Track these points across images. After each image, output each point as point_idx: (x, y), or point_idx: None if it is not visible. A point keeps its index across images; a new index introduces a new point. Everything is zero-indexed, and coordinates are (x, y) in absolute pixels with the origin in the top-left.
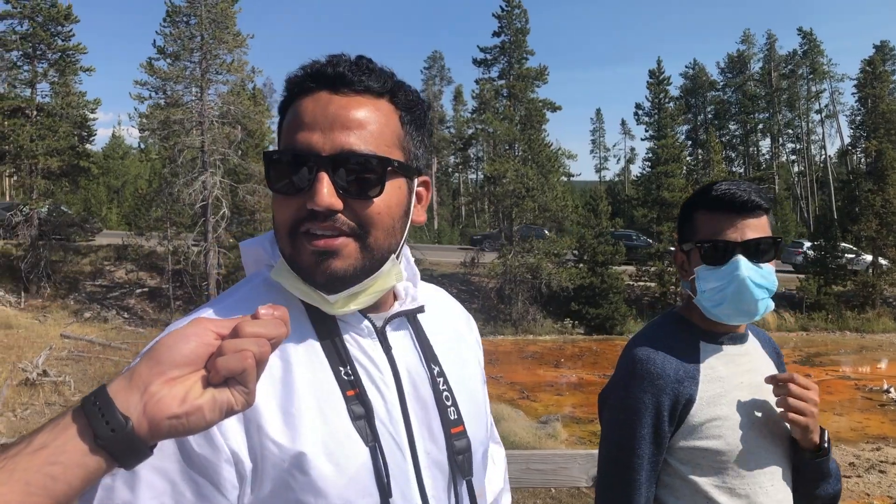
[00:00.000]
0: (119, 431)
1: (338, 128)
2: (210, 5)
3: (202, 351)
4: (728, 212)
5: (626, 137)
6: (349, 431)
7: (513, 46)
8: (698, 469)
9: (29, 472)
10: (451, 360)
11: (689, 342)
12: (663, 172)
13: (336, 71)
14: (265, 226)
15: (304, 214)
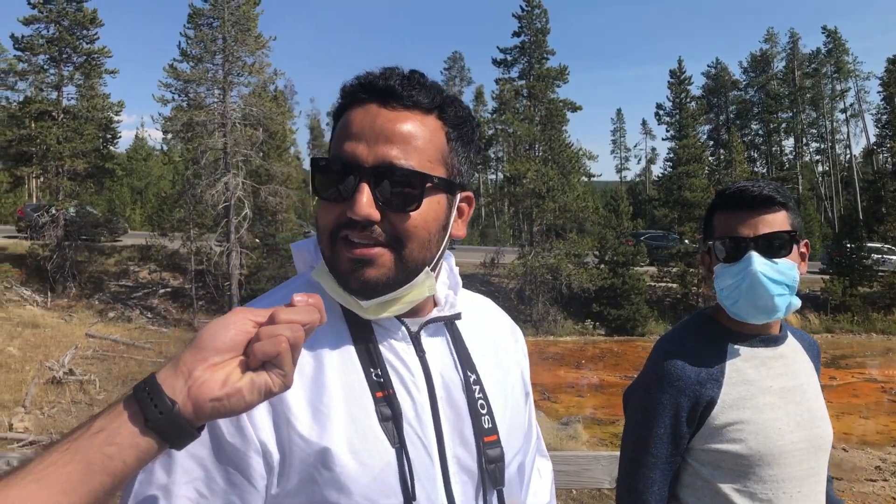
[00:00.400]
0: (166, 414)
1: (382, 141)
2: (232, 8)
3: (240, 338)
4: (741, 209)
5: (647, 137)
6: (376, 432)
7: (533, 46)
8: (719, 471)
9: (89, 452)
10: (489, 369)
11: (716, 343)
12: (685, 173)
13: (387, 84)
14: (287, 226)
15: (344, 221)
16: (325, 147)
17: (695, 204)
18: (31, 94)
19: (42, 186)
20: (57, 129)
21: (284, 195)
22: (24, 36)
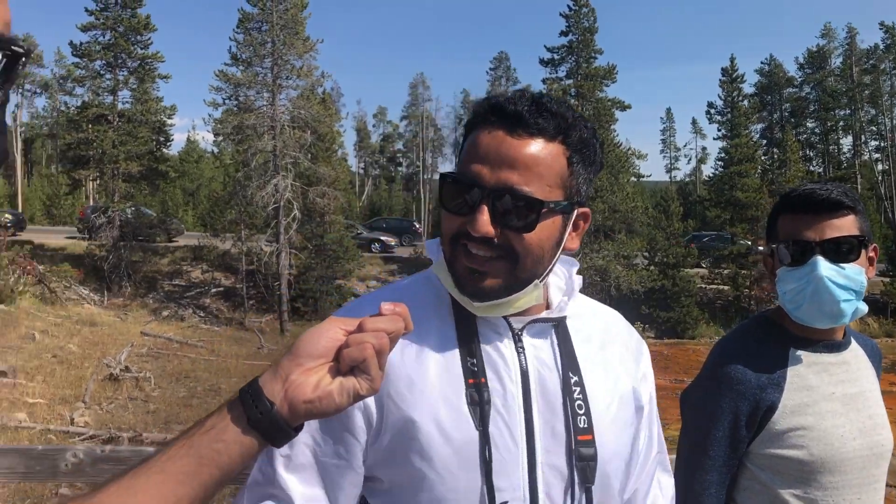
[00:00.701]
0: (266, 414)
1: (505, 166)
2: (281, 11)
3: (331, 345)
4: (808, 212)
5: (698, 137)
6: (463, 412)
7: (580, 46)
8: (778, 477)
9: (201, 447)
10: (596, 374)
11: (777, 348)
12: (736, 172)
13: (515, 109)
14: (334, 227)
15: (464, 232)
16: (372, 148)
17: (747, 204)
18: (89, 99)
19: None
20: (112, 133)
21: (332, 196)
22: (82, 43)
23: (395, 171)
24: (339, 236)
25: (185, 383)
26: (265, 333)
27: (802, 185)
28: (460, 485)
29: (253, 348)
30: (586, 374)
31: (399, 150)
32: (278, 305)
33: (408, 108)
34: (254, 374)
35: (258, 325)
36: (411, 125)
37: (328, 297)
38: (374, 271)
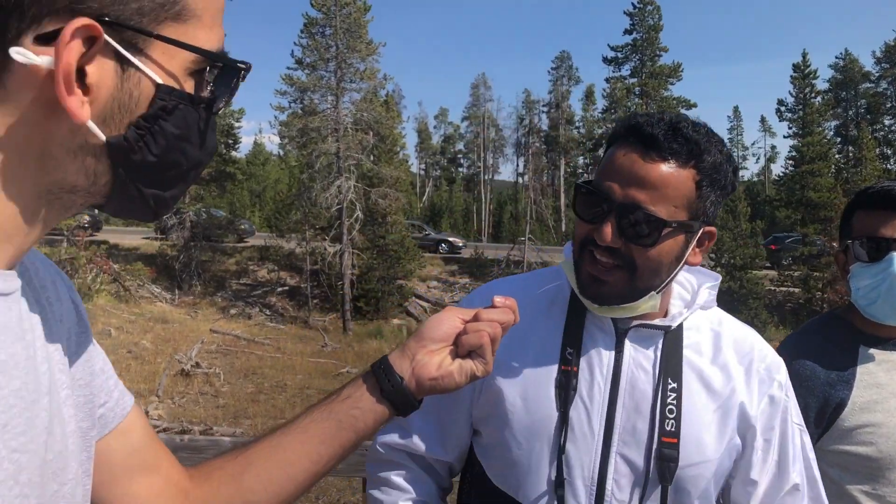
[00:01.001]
0: (396, 387)
1: (635, 185)
2: (344, 16)
3: (451, 331)
4: (884, 209)
5: (767, 135)
6: (548, 392)
7: (645, 44)
8: (847, 473)
9: (339, 413)
10: (699, 387)
11: (847, 345)
12: (808, 172)
13: (651, 133)
14: (396, 228)
15: (591, 238)
16: (432, 149)
17: (820, 204)
18: None
19: None
20: None
21: (394, 198)
22: None
23: (455, 172)
24: (400, 237)
25: (252, 379)
26: (328, 332)
27: (879, 183)
28: (533, 453)
29: (317, 346)
30: (687, 383)
31: (460, 151)
32: (341, 305)
33: (469, 109)
34: (318, 371)
35: (322, 324)
36: (472, 126)
37: (389, 297)
38: (434, 272)
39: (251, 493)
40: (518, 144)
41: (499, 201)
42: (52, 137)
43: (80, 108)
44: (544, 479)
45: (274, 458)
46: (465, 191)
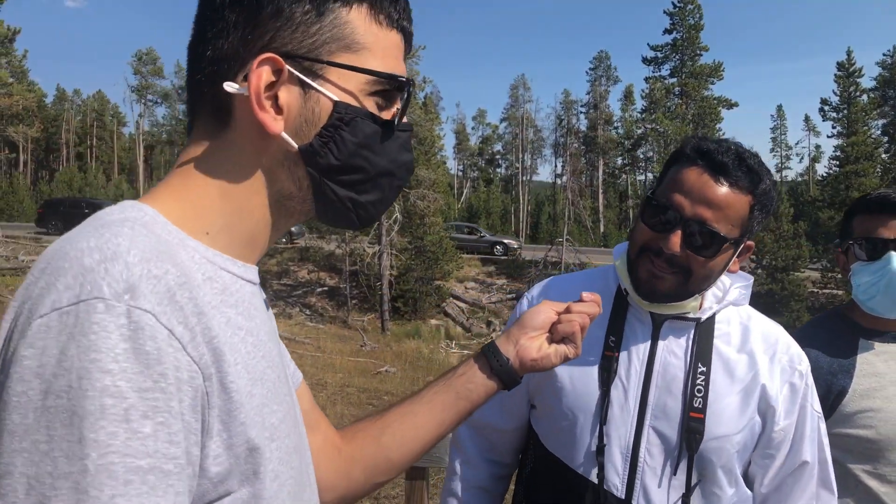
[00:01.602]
0: (504, 366)
1: (703, 204)
2: None
3: (548, 321)
4: (882, 213)
5: (811, 134)
6: (592, 373)
7: (685, 43)
8: (849, 455)
9: (457, 387)
10: (726, 371)
11: (847, 338)
12: (853, 172)
13: (722, 161)
14: (434, 229)
15: (654, 246)
16: (470, 150)
17: None
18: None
19: None
20: None
21: (432, 199)
22: None
23: (493, 173)
24: (438, 238)
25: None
26: (367, 332)
27: (877, 190)
28: (577, 424)
29: (356, 346)
30: (715, 367)
31: (498, 152)
32: (380, 305)
33: (507, 110)
34: (357, 370)
35: (361, 324)
36: (510, 127)
37: (427, 298)
38: (472, 272)
39: (388, 451)
40: (556, 145)
41: (537, 202)
42: (267, 154)
43: (273, 122)
44: (587, 446)
45: (406, 422)
46: (503, 192)
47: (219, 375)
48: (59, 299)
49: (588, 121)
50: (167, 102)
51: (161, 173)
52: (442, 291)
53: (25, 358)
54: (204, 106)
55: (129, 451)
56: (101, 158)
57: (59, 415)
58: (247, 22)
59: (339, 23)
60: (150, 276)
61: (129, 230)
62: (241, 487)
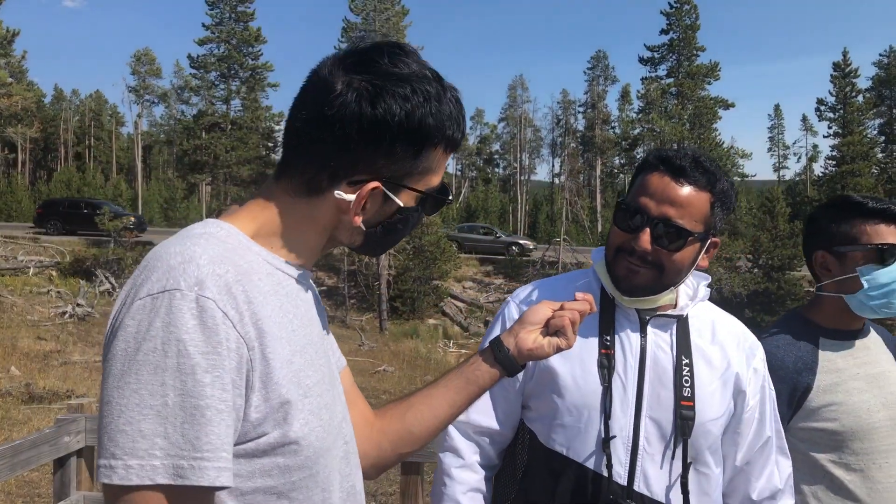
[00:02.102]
0: (505, 354)
1: (666, 203)
2: (382, 21)
3: (544, 317)
4: (885, 221)
5: (808, 134)
6: (592, 371)
7: (682, 43)
8: (816, 446)
9: (467, 373)
10: (707, 360)
11: (809, 339)
12: (849, 171)
13: (680, 164)
14: (431, 229)
15: (627, 246)
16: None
17: None
18: (204, 108)
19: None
20: (225, 140)
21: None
22: (199, 55)
23: (491, 173)
24: (436, 238)
25: None
26: (365, 331)
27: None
28: (582, 419)
29: (354, 345)
30: (696, 359)
31: (496, 152)
32: (378, 305)
33: (505, 110)
34: (356, 370)
35: (359, 324)
36: (508, 126)
37: (425, 298)
38: (470, 272)
39: (411, 426)
40: (554, 145)
41: (535, 202)
42: (340, 223)
43: (357, 217)
44: (593, 438)
45: (426, 403)
46: (501, 191)
47: (261, 347)
48: (152, 288)
49: (586, 120)
50: (165, 102)
51: (159, 173)
52: (440, 291)
53: (128, 326)
54: (303, 173)
55: (194, 394)
56: (99, 158)
57: (146, 366)
58: (366, 150)
59: (424, 159)
60: (214, 274)
61: (205, 241)
62: (274, 430)
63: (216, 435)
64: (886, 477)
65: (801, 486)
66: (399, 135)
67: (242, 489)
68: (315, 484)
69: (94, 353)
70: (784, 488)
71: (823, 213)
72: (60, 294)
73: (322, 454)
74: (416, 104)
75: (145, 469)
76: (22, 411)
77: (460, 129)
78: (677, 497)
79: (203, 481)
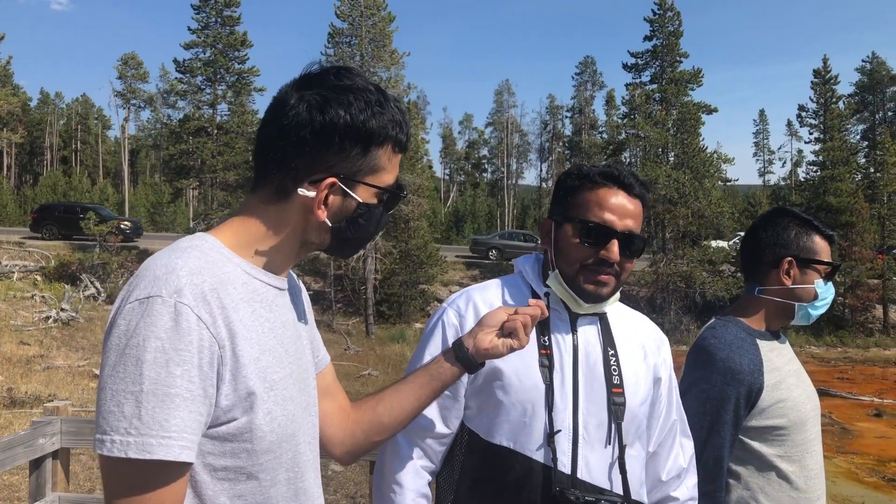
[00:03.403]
0: (464, 354)
1: (627, 217)
2: (369, 26)
3: (500, 320)
4: (832, 243)
5: (793, 139)
6: (534, 369)
7: (665, 50)
8: (765, 443)
9: (431, 370)
10: (629, 352)
11: (751, 341)
12: (829, 177)
13: (627, 180)
14: (418, 233)
15: (592, 259)
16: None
17: (840, 209)
18: (190, 112)
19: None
20: (211, 144)
21: (416, 204)
22: (185, 59)
23: (479, 177)
24: (423, 242)
25: None
26: (352, 336)
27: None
28: (527, 413)
29: (340, 349)
30: (620, 350)
31: (484, 157)
32: (364, 309)
33: (493, 115)
34: (341, 374)
35: (345, 328)
36: (496, 131)
37: (412, 302)
38: (457, 276)
39: (381, 417)
40: (542, 149)
41: (522, 206)
42: (306, 223)
43: (322, 213)
44: (537, 432)
45: (395, 397)
46: (489, 196)
47: (231, 346)
48: (140, 294)
49: (573, 125)
50: (152, 107)
51: (146, 177)
52: (427, 295)
53: (119, 325)
54: (270, 184)
55: (166, 383)
56: (85, 162)
57: (130, 358)
58: (319, 151)
59: (374, 157)
60: (192, 284)
61: (187, 255)
62: (242, 416)
63: (181, 419)
64: (815, 464)
65: (749, 482)
66: (346, 135)
67: (214, 466)
68: (279, 465)
69: (78, 358)
70: (688, 467)
71: (783, 222)
72: (45, 299)
73: (286, 439)
74: (358, 109)
75: (123, 444)
76: (3, 416)
77: (404, 132)
78: (617, 478)
79: (168, 456)
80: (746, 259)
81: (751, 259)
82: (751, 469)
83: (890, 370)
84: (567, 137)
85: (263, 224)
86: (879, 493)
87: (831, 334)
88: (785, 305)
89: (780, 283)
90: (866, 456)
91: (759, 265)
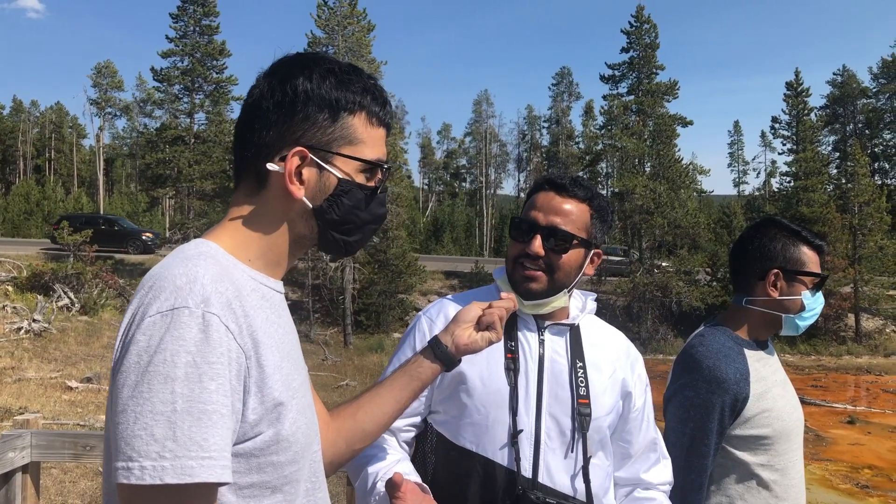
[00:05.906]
0: (443, 351)
1: (552, 213)
2: (347, 35)
3: (475, 316)
4: (820, 252)
5: (767, 150)
6: (500, 373)
7: (642, 62)
8: (749, 451)
9: (410, 370)
10: (598, 364)
11: (738, 350)
12: (802, 188)
13: (561, 182)
14: (397, 243)
15: (523, 254)
16: (436, 164)
17: (812, 220)
18: (167, 121)
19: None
20: (188, 153)
21: (395, 213)
22: (163, 68)
23: (458, 187)
24: (401, 251)
25: None
26: (329, 346)
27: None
28: (490, 417)
29: (318, 360)
30: (588, 362)
31: (463, 166)
32: (342, 319)
33: (471, 125)
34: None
35: (323, 338)
36: (475, 141)
37: (391, 311)
38: (436, 286)
39: (363, 423)
40: (520, 159)
41: (501, 216)
42: (291, 211)
43: (297, 190)
44: (500, 434)
45: (375, 401)
46: (467, 205)
47: (256, 356)
48: (162, 306)
49: (550, 136)
50: (127, 115)
51: (122, 186)
52: (405, 305)
53: (139, 341)
54: (249, 173)
55: (201, 399)
56: (59, 171)
57: (157, 376)
58: (285, 122)
59: (346, 126)
60: (217, 292)
61: (204, 262)
62: (269, 429)
63: (220, 436)
64: (797, 472)
65: (728, 489)
66: (310, 100)
67: (240, 484)
68: (301, 476)
69: (51, 370)
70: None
71: (771, 233)
72: (16, 309)
73: (306, 448)
74: (320, 75)
75: (157, 469)
76: None
77: (379, 103)
78: (581, 486)
79: (212, 478)
80: (735, 269)
81: (739, 270)
82: (732, 477)
83: (862, 378)
84: (545, 147)
85: (252, 221)
86: (853, 499)
87: (805, 342)
88: (772, 316)
89: (767, 295)
90: (840, 463)
91: (747, 276)
